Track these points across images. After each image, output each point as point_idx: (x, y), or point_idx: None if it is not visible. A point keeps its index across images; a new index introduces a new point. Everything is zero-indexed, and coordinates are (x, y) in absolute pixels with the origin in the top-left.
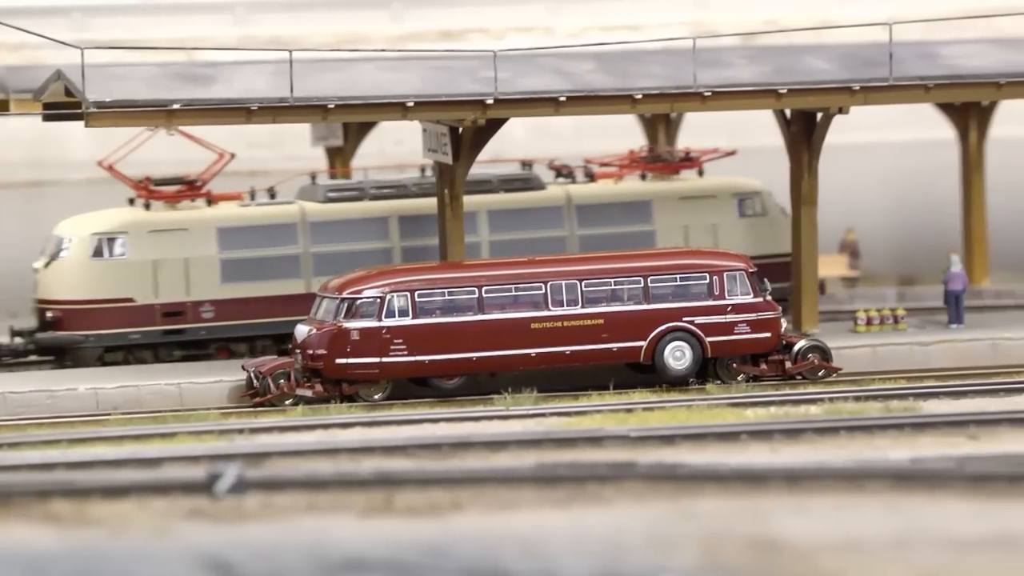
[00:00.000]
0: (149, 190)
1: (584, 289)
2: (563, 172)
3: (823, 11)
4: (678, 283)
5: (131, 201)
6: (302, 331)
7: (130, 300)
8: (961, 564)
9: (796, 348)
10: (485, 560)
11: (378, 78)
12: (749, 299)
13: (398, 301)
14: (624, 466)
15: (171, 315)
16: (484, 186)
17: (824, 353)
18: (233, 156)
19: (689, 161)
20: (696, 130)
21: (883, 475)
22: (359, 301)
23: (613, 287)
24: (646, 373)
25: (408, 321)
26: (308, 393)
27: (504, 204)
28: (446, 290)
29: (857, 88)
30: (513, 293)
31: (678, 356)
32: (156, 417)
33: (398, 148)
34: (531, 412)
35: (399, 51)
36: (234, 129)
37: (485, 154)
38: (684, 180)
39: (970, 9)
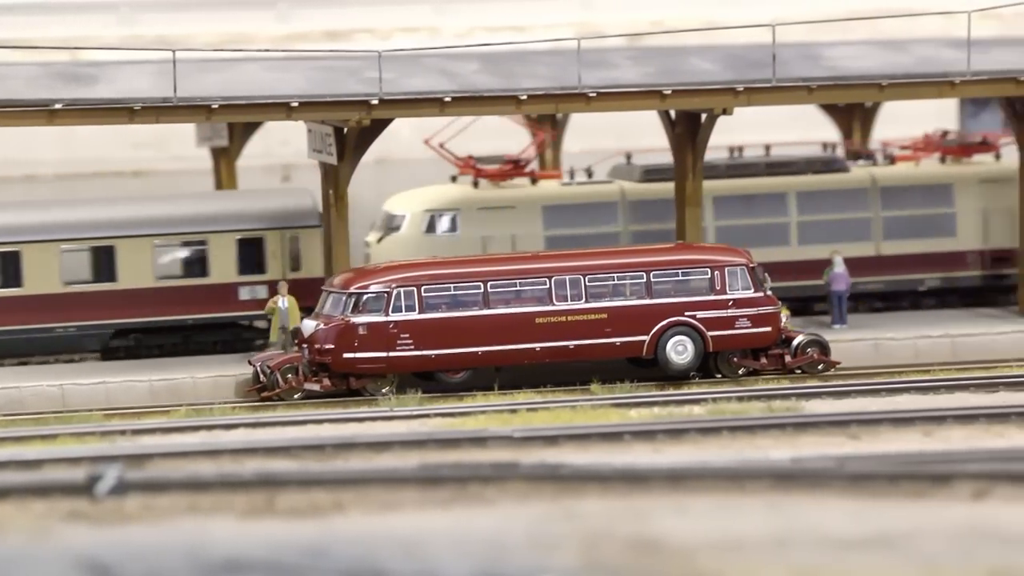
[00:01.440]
0: (477, 169)
1: (587, 284)
2: (864, 155)
3: (709, 12)
4: (680, 278)
5: (453, 179)
6: (309, 326)
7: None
8: (840, 563)
9: (795, 342)
10: (365, 561)
11: (263, 78)
12: (750, 294)
13: (404, 296)
14: (507, 467)
15: None
16: (792, 168)
17: (823, 347)
18: (554, 137)
19: (986, 145)
20: (582, 131)
21: (764, 475)
22: (366, 296)
23: (616, 282)
24: (646, 368)
25: (415, 316)
26: (316, 387)
27: (811, 186)
28: (452, 285)
29: (741, 89)
30: (518, 288)
31: (680, 350)
32: (38, 419)
33: (284, 148)
34: (415, 413)
35: (284, 51)
36: (118, 129)
37: (371, 155)
38: (982, 164)
39: (854, 11)
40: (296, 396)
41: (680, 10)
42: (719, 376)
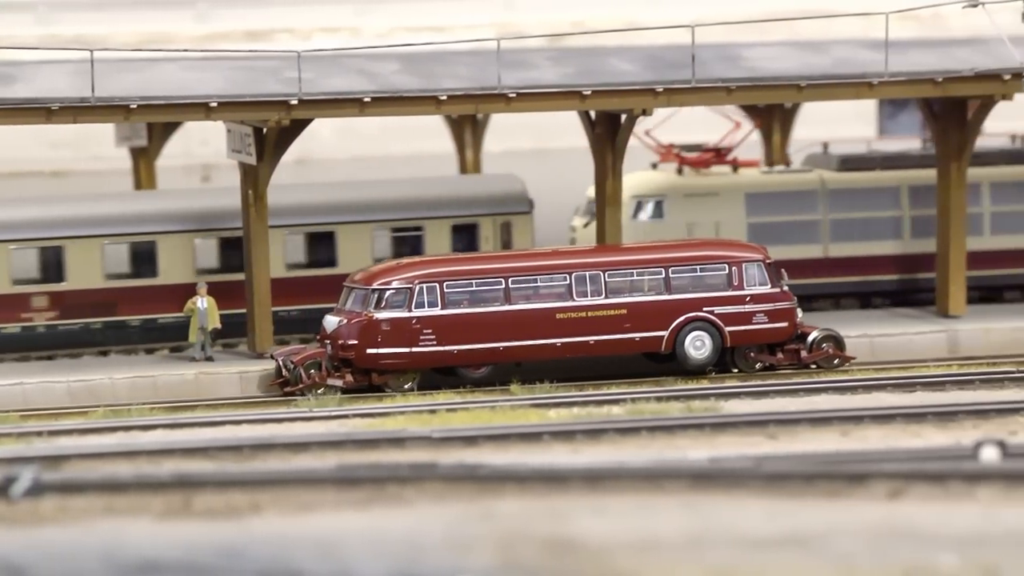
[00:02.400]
0: (681, 156)
1: (607, 280)
2: None
3: (630, 13)
4: (698, 273)
5: (654, 166)
6: (332, 322)
7: None
8: (755, 563)
9: (811, 338)
10: (281, 562)
11: (182, 78)
12: (767, 289)
13: (427, 292)
14: (425, 467)
15: None
16: (987, 159)
17: (838, 342)
18: (756, 127)
19: None
20: (502, 131)
21: (682, 475)
22: (388, 292)
23: (635, 278)
24: (664, 363)
25: (437, 311)
26: (339, 383)
27: (1007, 177)
28: (473, 281)
29: (660, 90)
30: (538, 284)
31: (698, 346)
32: None
33: (204, 148)
34: (334, 413)
35: (203, 51)
36: (36, 129)
37: (291, 155)
38: None
39: (772, 12)
40: (319, 392)
41: (601, 11)
42: (735, 371)
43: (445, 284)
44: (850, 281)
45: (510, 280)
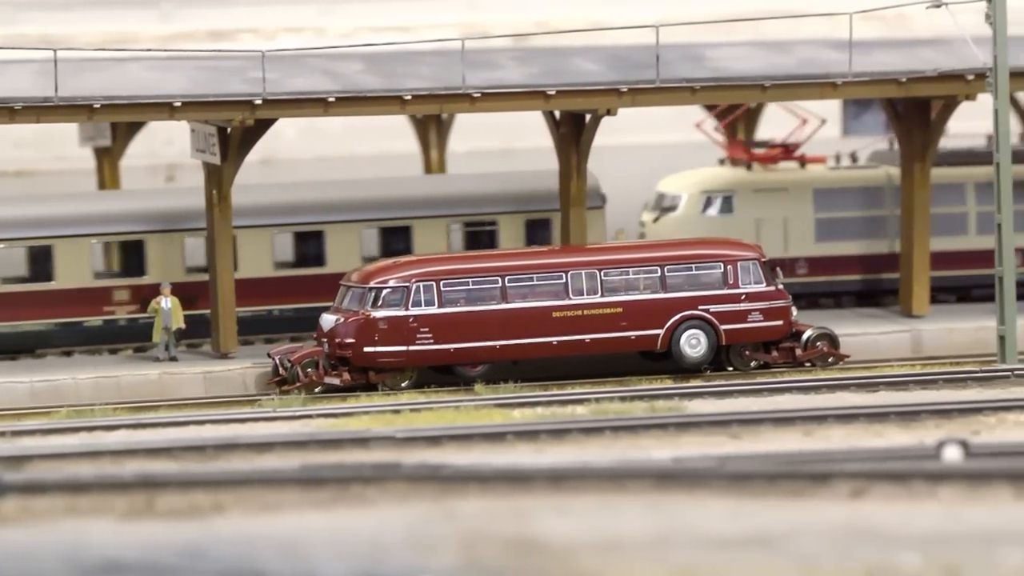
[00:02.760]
0: (749, 152)
1: (603, 278)
2: None
3: (594, 13)
4: (693, 272)
5: (721, 162)
6: (328, 320)
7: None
8: (718, 562)
9: (805, 336)
10: (243, 562)
11: (146, 78)
12: (762, 288)
13: (424, 290)
14: (388, 467)
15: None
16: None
17: (832, 340)
18: (824, 122)
19: None
20: (467, 131)
21: (646, 475)
22: (386, 290)
23: (631, 276)
24: (659, 361)
25: (434, 310)
26: (336, 381)
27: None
28: (470, 279)
29: (624, 90)
30: (534, 282)
31: (694, 344)
32: None
33: (169, 148)
34: (298, 414)
35: (167, 51)
36: (0, 129)
37: (255, 155)
38: None
39: (737, 12)
40: (316, 390)
41: (565, 11)
42: (731, 369)
43: (442, 283)
44: None
45: (507, 279)
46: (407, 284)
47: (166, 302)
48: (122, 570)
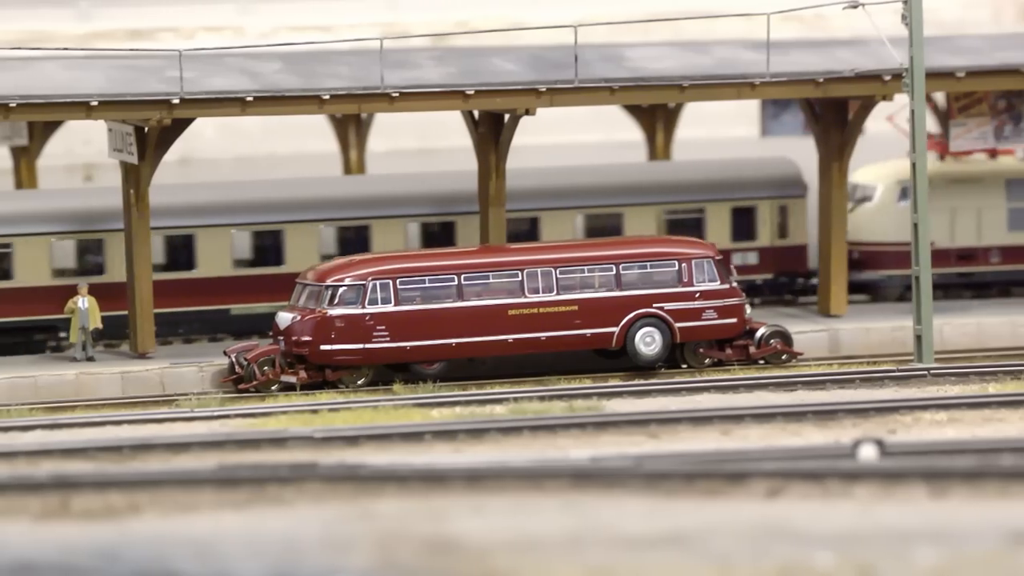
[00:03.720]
0: (943, 144)
1: (559, 276)
2: None
3: (514, 13)
4: (648, 270)
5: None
6: (285, 318)
7: (930, 244)
8: (633, 562)
9: (759, 334)
10: (157, 563)
11: (62, 77)
12: (716, 286)
13: (380, 288)
14: (305, 467)
15: (964, 258)
16: None
17: (786, 338)
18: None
19: None
20: (386, 131)
21: (563, 474)
22: (342, 288)
23: (586, 274)
24: (615, 359)
25: (390, 308)
26: (293, 380)
27: None
28: (426, 277)
29: (543, 90)
30: (490, 280)
31: (648, 342)
32: None
33: (87, 148)
34: (216, 414)
35: (84, 50)
36: None
37: (173, 154)
38: None
39: (655, 13)
40: (273, 388)
41: (485, 11)
42: (685, 367)
43: (398, 280)
44: None
45: (463, 277)
46: (363, 282)
47: (83, 302)
48: (35, 571)
